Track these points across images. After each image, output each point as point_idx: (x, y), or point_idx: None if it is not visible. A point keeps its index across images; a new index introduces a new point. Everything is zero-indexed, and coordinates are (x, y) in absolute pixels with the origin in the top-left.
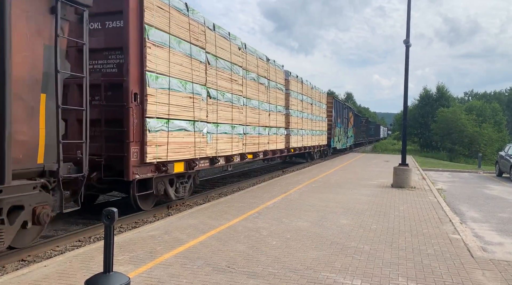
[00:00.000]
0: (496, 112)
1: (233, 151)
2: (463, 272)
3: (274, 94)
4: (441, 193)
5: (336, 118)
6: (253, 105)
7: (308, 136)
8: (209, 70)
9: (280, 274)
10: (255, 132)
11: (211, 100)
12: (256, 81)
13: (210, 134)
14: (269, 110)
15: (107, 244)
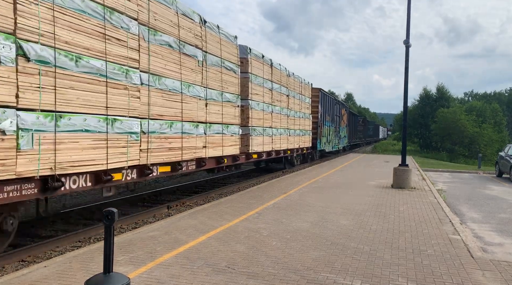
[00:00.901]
0: (496, 113)
1: (109, 164)
2: (463, 273)
3: (217, 76)
4: (441, 194)
5: (324, 115)
6: (167, 86)
7: (282, 137)
8: None
9: (280, 274)
10: (173, 130)
11: (31, 65)
12: (176, 49)
13: (27, 134)
14: (206, 97)
15: (107, 244)
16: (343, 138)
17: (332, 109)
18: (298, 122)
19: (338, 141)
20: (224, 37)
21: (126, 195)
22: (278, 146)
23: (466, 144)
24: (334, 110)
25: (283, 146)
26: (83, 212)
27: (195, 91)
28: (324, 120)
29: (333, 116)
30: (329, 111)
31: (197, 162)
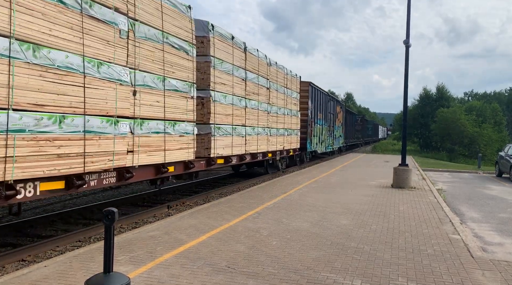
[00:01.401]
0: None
1: None
2: (463, 272)
3: (155, 55)
4: (441, 193)
5: (315, 112)
6: (53, 62)
7: (261, 137)
8: None
9: (280, 274)
10: (67, 128)
11: None
12: (74, 8)
13: None
14: (134, 83)
15: (107, 244)
16: (338, 138)
17: (325, 106)
18: (283, 120)
19: (333, 141)
20: (169, 4)
21: (126, 194)
22: (255, 148)
23: (466, 143)
24: (327, 107)
25: (262, 147)
26: (83, 212)
27: (112, 72)
28: (315, 118)
29: (327, 114)
30: (322, 108)
31: (118, 174)
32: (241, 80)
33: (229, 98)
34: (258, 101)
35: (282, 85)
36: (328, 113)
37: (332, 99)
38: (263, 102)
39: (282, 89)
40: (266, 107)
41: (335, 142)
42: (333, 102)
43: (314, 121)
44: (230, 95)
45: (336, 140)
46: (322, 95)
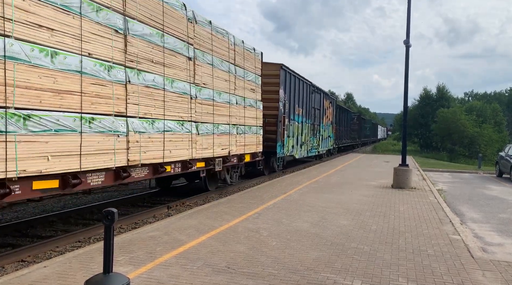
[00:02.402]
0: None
1: None
2: (463, 273)
3: None
4: (441, 194)
5: (291, 106)
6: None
7: (176, 136)
8: None
9: (280, 274)
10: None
11: None
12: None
13: None
14: None
15: (107, 244)
16: (326, 140)
17: (307, 99)
18: (227, 112)
19: (319, 143)
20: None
21: (126, 195)
22: (154, 154)
23: (466, 144)
24: (310, 100)
25: (179, 153)
26: (83, 212)
27: None
28: (291, 113)
29: (309, 109)
30: (301, 101)
31: None
32: (113, 31)
33: (63, 59)
34: (164, 77)
35: (225, 59)
36: (311, 108)
37: (318, 92)
38: (178, 80)
39: (226, 65)
40: (186, 89)
41: (322, 144)
42: (320, 95)
43: (288, 117)
44: (66, 53)
45: (323, 141)
46: (302, 84)
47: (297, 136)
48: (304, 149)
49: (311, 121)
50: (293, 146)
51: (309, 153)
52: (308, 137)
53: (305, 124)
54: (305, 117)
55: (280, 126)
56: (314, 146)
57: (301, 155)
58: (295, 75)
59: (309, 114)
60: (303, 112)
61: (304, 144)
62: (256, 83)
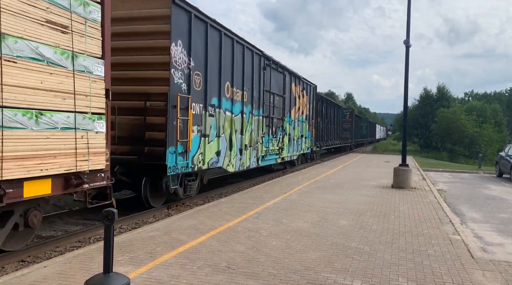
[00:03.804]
0: (496, 113)
1: None
2: (463, 273)
3: None
4: (441, 194)
5: (209, 79)
6: None
7: None
8: None
9: (280, 274)
10: None
11: None
12: None
13: None
14: None
15: (107, 244)
16: (298, 141)
17: (255, 77)
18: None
19: (284, 146)
20: None
21: (126, 195)
22: None
23: (466, 144)
24: (262, 79)
25: None
26: (83, 212)
27: None
28: (211, 94)
29: (260, 93)
30: (239, 76)
31: None
32: None
33: None
34: None
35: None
36: (264, 92)
37: (279, 70)
38: None
39: None
40: None
41: (292, 147)
42: (282, 75)
43: (204, 100)
44: None
45: (293, 143)
46: (241, 49)
47: (229, 136)
48: (249, 156)
49: (265, 112)
50: (218, 151)
51: (261, 161)
52: (257, 138)
53: (251, 116)
54: (250, 106)
55: (174, 116)
56: (273, 150)
57: (242, 166)
58: (217, 27)
59: (260, 102)
60: (245, 96)
61: (249, 148)
62: (78, 14)
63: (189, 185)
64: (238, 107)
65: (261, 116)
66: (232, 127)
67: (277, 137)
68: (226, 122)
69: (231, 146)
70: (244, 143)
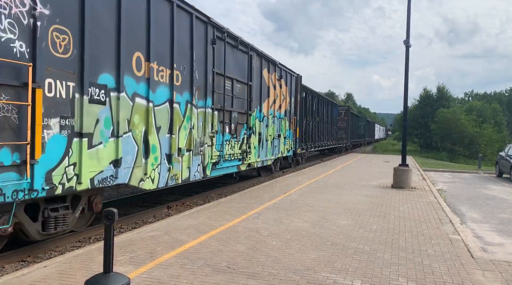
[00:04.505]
0: (496, 113)
1: None
2: (463, 273)
3: None
4: (441, 194)
5: (96, 51)
6: None
7: None
8: None
9: (280, 274)
10: None
11: None
12: None
13: None
14: None
15: (107, 244)
16: (275, 141)
17: (192, 50)
18: None
19: (247, 148)
20: None
21: (126, 195)
22: None
23: (466, 143)
24: (208, 56)
25: None
26: None
27: None
28: (100, 67)
29: (207, 74)
30: (169, 46)
31: None
32: None
33: None
34: None
35: None
36: (216, 76)
37: (238, 47)
38: None
39: None
40: None
41: (265, 149)
42: (246, 56)
43: (82, 77)
44: None
45: (266, 145)
46: (163, 4)
47: (144, 136)
48: (187, 165)
49: (217, 104)
50: (117, 160)
51: (213, 170)
52: (203, 138)
53: (191, 108)
54: (188, 93)
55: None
56: (232, 155)
57: (174, 180)
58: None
59: (207, 89)
60: (177, 78)
61: (187, 154)
62: None
63: (52, 218)
64: (162, 93)
65: (210, 108)
66: (150, 123)
67: (240, 137)
68: (136, 114)
69: (147, 150)
70: (177, 145)
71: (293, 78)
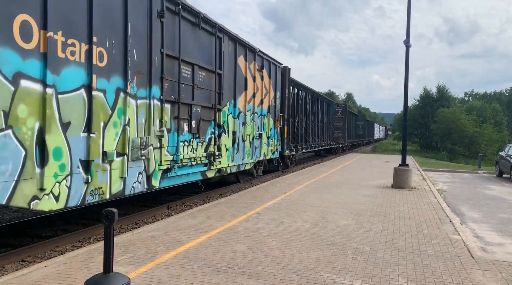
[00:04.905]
0: (496, 113)
1: None
2: (463, 273)
3: None
4: (441, 194)
5: None
6: None
7: None
8: None
9: (280, 274)
10: None
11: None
12: None
13: None
14: None
15: (107, 244)
16: (256, 142)
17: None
18: None
19: (215, 151)
20: None
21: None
22: None
23: (466, 143)
24: (153, 32)
25: None
26: (83, 212)
27: None
28: None
29: (152, 55)
30: (86, 10)
31: None
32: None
33: None
34: None
35: None
36: (166, 58)
37: (201, 25)
38: None
39: None
40: None
41: (241, 152)
42: (214, 37)
43: None
44: None
45: (243, 147)
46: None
47: (37, 136)
48: (120, 174)
49: (168, 94)
50: None
51: (163, 180)
52: (145, 138)
53: (126, 98)
54: (120, 77)
55: None
56: (194, 159)
57: (97, 194)
58: None
59: (153, 74)
60: (101, 57)
61: (118, 160)
62: None
63: None
64: (73, 75)
65: (158, 99)
66: (50, 117)
67: (205, 137)
68: (22, 104)
69: (43, 155)
70: (101, 149)
71: (278, 69)
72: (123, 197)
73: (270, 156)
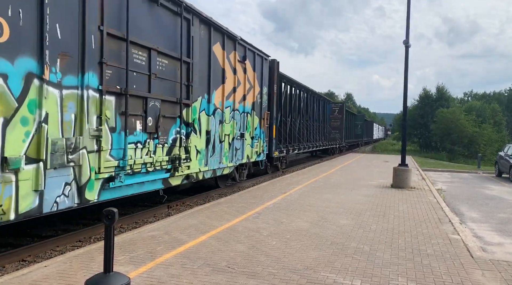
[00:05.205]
0: (495, 113)
1: None
2: (463, 272)
3: None
4: (441, 193)
5: None
6: None
7: None
8: None
9: (280, 274)
10: None
11: None
12: None
13: None
14: None
15: (107, 244)
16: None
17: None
18: None
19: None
20: None
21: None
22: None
23: (465, 143)
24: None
25: None
26: (83, 212)
27: None
28: None
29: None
30: None
31: None
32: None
33: None
34: None
35: None
36: (107, 38)
37: (159, 1)
38: None
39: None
40: None
41: (217, 154)
42: (179, 17)
43: None
44: None
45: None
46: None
47: None
48: (37, 185)
49: (111, 84)
50: None
51: (104, 191)
52: (80, 139)
53: (28, 83)
54: (25, 56)
55: None
56: (151, 164)
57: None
58: None
59: (86, 58)
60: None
61: (36, 166)
62: None
63: None
64: None
65: (95, 90)
66: None
67: (168, 137)
68: None
69: None
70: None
71: (265, 62)
72: (41, 215)
73: (255, 158)
